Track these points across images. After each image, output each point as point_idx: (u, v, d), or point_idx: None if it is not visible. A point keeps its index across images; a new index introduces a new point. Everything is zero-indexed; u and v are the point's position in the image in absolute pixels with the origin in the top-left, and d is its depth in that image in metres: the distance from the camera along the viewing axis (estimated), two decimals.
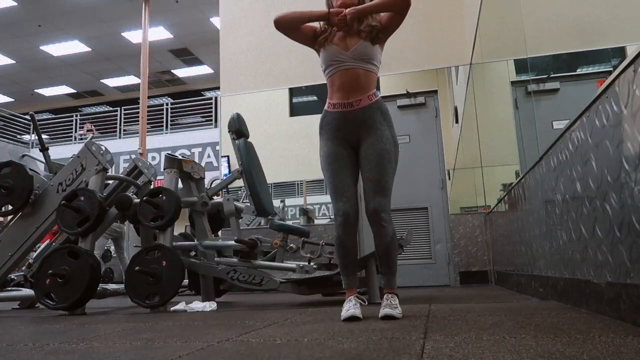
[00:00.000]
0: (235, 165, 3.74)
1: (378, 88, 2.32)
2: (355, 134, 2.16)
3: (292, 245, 3.41)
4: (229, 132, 3.54)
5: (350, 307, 2.02)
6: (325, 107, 2.23)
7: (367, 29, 2.15)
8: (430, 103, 5.03)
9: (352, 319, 1.95)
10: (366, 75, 2.17)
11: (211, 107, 11.91)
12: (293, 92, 7.68)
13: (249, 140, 3.54)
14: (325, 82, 2.31)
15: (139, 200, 3.24)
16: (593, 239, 1.71)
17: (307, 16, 2.23)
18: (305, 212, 7.77)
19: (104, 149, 3.44)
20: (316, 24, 2.26)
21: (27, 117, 7.42)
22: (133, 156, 5.77)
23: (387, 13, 2.16)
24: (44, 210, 3.40)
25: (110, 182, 3.82)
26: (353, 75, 2.15)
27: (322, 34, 2.23)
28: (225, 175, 5.79)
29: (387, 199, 2.11)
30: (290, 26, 2.25)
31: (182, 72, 14.42)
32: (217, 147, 9.15)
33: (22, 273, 4.27)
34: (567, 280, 2.08)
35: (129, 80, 14.57)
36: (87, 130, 11.56)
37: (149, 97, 9.71)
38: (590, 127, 1.67)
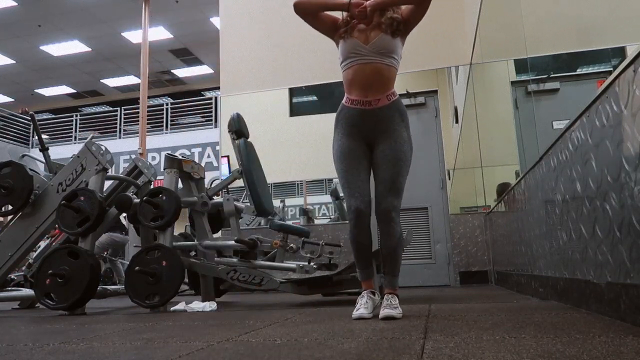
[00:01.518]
0: (235, 165, 3.74)
1: None
2: (372, 132, 2.16)
3: (292, 245, 3.41)
4: (229, 132, 3.54)
5: (361, 306, 2.06)
6: (344, 102, 2.21)
7: (387, 22, 2.13)
8: (430, 103, 5.03)
9: (359, 318, 1.99)
10: (386, 70, 2.14)
11: (211, 107, 11.91)
12: (293, 92, 7.67)
13: (249, 140, 3.54)
14: (325, 82, 2.33)
15: (139, 200, 3.24)
16: (593, 239, 1.71)
17: (327, 3, 2.22)
18: (305, 212, 7.76)
19: (104, 149, 3.44)
20: (338, 15, 2.24)
21: (27, 117, 7.42)
22: (133, 156, 5.77)
23: (408, 6, 2.16)
24: (44, 210, 3.40)
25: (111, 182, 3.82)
26: (372, 70, 2.12)
27: (344, 26, 2.20)
28: (224, 176, 5.79)
29: (399, 200, 2.13)
30: (310, 10, 2.23)
31: (182, 72, 14.41)
32: (217, 147, 9.14)
33: (22, 273, 4.27)
34: (567, 280, 2.08)
35: (129, 80, 14.57)
36: (22, 112, 11.35)
37: (149, 97, 9.71)
38: (590, 127, 1.67)
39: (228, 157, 6.46)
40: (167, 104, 12.55)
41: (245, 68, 5.76)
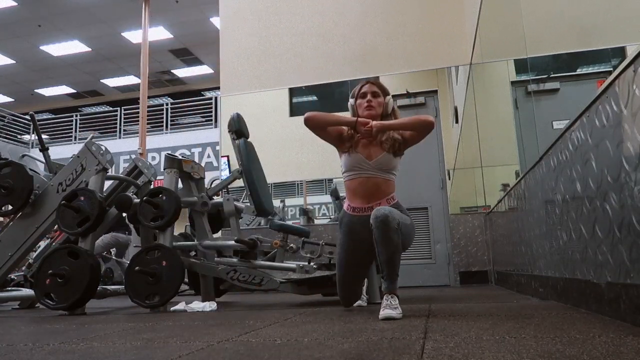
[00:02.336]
0: (235, 165, 3.73)
1: None
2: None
3: (292, 245, 3.40)
4: (229, 132, 3.53)
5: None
6: (345, 208, 2.41)
7: (389, 142, 2.31)
8: (430, 103, 5.04)
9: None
10: (385, 183, 2.34)
11: (211, 107, 11.91)
12: (293, 92, 7.66)
13: (249, 140, 3.54)
14: (325, 82, 2.36)
15: (139, 200, 3.24)
16: (593, 239, 1.71)
17: (335, 120, 2.41)
18: (305, 212, 7.76)
19: (104, 149, 3.44)
20: (343, 127, 2.41)
21: (27, 117, 7.42)
22: (133, 156, 5.77)
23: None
24: (44, 210, 3.40)
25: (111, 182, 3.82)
26: (373, 184, 2.32)
27: (349, 139, 2.37)
28: (223, 176, 5.79)
29: (396, 214, 2.16)
30: (319, 126, 2.40)
31: (182, 72, 14.42)
32: (217, 147, 9.14)
33: (22, 273, 4.27)
34: (567, 280, 2.08)
35: (129, 80, 14.57)
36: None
37: (149, 97, 9.72)
38: (590, 127, 1.67)
39: (228, 157, 6.46)
40: (167, 104, 12.56)
41: (245, 68, 5.76)
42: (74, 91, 15.40)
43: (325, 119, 2.38)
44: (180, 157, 3.52)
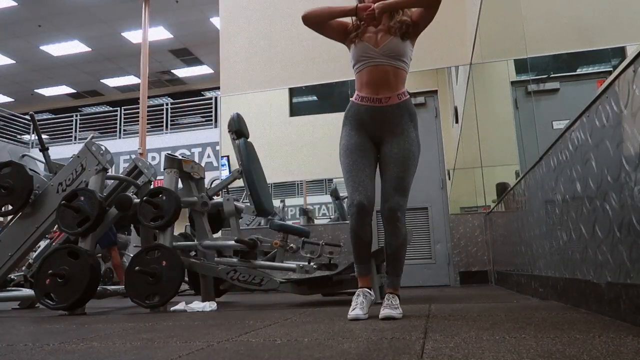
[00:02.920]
0: (235, 165, 3.73)
1: None
2: (380, 130, 2.16)
3: (292, 245, 3.41)
4: (229, 132, 3.54)
5: (357, 305, 2.03)
6: (353, 99, 2.22)
7: (397, 25, 2.15)
8: (430, 103, 5.03)
9: (355, 319, 1.97)
10: (395, 73, 2.17)
11: (211, 107, 11.91)
12: (293, 92, 7.66)
13: (249, 140, 3.54)
14: (325, 82, 2.33)
15: (139, 200, 3.24)
16: (593, 239, 1.71)
17: (335, 12, 2.22)
18: (305, 212, 7.76)
19: (104, 149, 3.44)
20: (348, 20, 2.25)
21: (27, 117, 7.42)
22: (133, 156, 5.77)
23: (417, 9, 2.17)
24: (44, 210, 3.40)
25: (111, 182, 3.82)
26: (382, 72, 2.15)
27: (354, 31, 2.22)
28: (223, 176, 5.79)
29: (405, 200, 2.12)
30: (319, 22, 2.24)
31: (182, 72, 14.41)
32: (217, 147, 9.15)
33: (22, 273, 4.27)
34: (567, 280, 2.08)
35: (129, 80, 14.57)
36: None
37: (149, 97, 9.72)
38: (590, 127, 1.67)
39: (228, 157, 6.46)
40: (167, 104, 12.55)
41: (245, 68, 5.76)
42: (74, 91, 15.40)
43: (324, 13, 2.21)
44: (180, 157, 3.52)
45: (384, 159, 2.16)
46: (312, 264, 3.18)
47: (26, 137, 13.64)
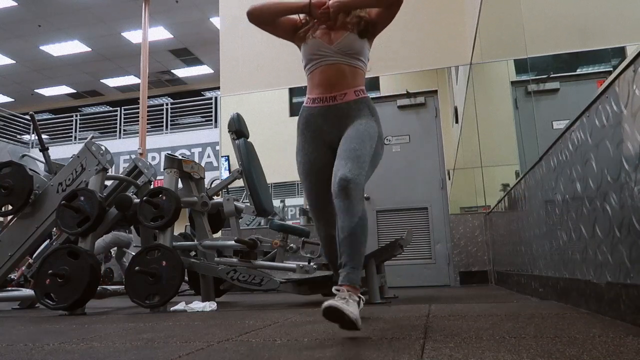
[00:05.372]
0: (235, 165, 3.74)
1: (377, 88, 2.26)
2: (337, 131, 1.89)
3: (292, 245, 3.41)
4: (229, 132, 3.54)
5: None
6: (304, 104, 1.98)
7: (354, 20, 1.93)
8: (430, 103, 5.03)
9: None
10: (352, 72, 1.91)
11: (211, 107, 11.92)
12: (293, 92, 7.67)
13: (249, 140, 3.54)
14: None
15: (139, 200, 3.24)
16: (593, 239, 1.71)
17: (284, 8, 1.98)
18: (305, 212, 7.75)
19: (104, 149, 3.44)
20: (296, 16, 2.02)
21: (27, 117, 7.42)
22: (133, 156, 5.77)
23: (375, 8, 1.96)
24: (44, 210, 3.40)
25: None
26: (337, 71, 1.89)
27: (303, 27, 1.99)
28: (223, 176, 5.79)
29: (361, 173, 1.73)
30: (266, 19, 2.00)
31: (182, 72, 14.41)
32: (217, 147, 9.15)
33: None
34: (567, 280, 2.08)
35: (129, 80, 14.57)
36: None
37: (149, 97, 9.72)
38: (590, 127, 1.67)
39: (228, 157, 6.47)
40: (167, 104, 12.56)
41: (245, 68, 5.76)
42: (74, 91, 15.40)
43: (271, 8, 1.96)
44: (180, 157, 3.52)
45: (339, 143, 1.86)
46: (312, 264, 3.18)
47: (26, 137, 13.64)
